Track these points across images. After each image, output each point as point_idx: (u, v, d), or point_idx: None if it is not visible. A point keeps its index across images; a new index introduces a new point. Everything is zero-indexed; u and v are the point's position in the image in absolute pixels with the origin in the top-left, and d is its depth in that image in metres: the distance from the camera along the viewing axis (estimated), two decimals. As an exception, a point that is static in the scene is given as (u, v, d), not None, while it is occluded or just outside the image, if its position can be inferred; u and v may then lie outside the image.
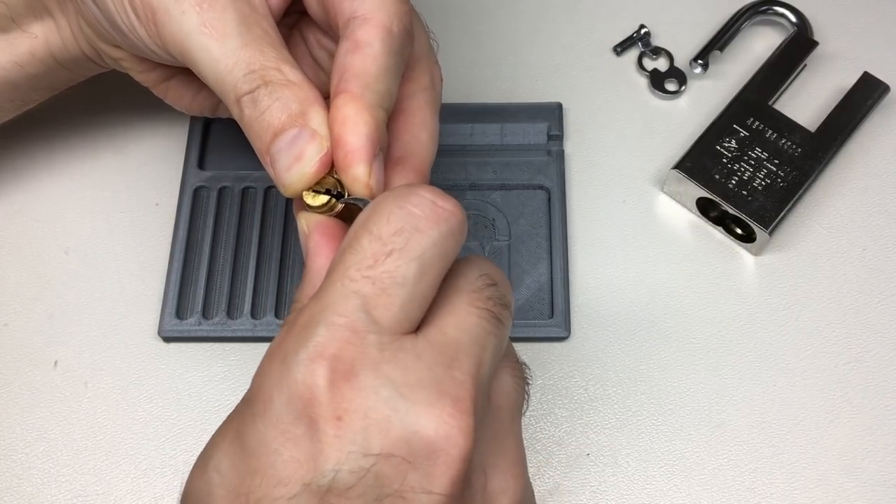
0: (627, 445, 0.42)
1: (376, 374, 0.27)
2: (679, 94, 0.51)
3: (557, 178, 0.47)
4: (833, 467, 0.41)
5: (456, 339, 0.28)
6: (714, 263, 0.46)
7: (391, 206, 0.29)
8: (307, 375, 0.26)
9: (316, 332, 0.27)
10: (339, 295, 0.27)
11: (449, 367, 0.27)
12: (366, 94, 0.32)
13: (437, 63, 0.38)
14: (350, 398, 0.26)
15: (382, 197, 0.30)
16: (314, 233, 0.33)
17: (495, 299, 0.30)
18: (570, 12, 0.53)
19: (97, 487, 0.41)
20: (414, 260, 0.28)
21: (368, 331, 0.27)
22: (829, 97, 0.49)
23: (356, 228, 0.29)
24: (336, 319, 0.27)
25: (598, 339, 0.44)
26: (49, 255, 0.46)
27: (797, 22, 0.51)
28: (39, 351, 0.44)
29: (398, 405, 0.26)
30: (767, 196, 0.45)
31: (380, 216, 0.28)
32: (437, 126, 0.37)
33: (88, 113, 0.49)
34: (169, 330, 0.44)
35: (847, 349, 0.44)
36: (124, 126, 0.50)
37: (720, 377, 0.43)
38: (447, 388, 0.27)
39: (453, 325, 0.29)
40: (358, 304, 0.27)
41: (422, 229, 0.28)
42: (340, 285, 0.28)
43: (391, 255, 0.28)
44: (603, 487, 0.41)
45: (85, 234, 0.47)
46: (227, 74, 0.33)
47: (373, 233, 0.28)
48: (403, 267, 0.28)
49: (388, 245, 0.28)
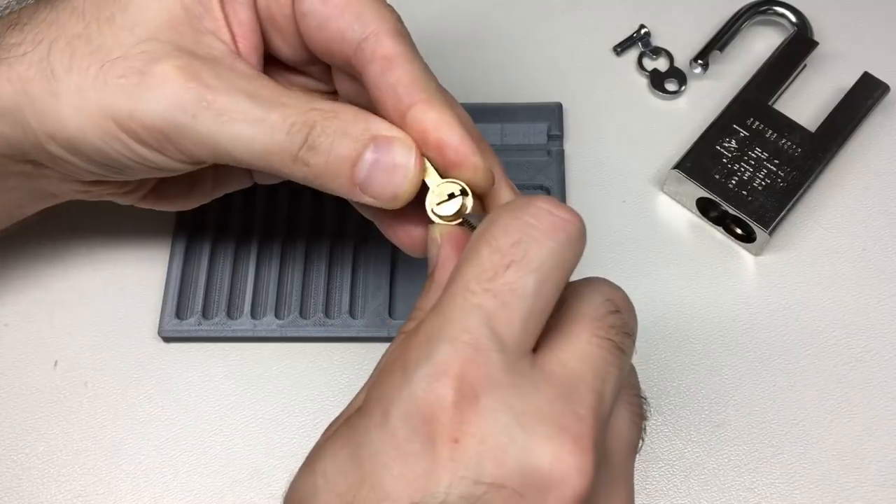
0: (627, 445, 0.42)
1: (497, 399, 0.26)
2: (679, 94, 0.51)
3: (557, 178, 0.47)
4: (833, 467, 0.41)
5: (577, 370, 0.27)
6: (714, 263, 0.46)
7: (508, 218, 0.28)
8: (429, 392, 0.26)
9: (439, 348, 0.26)
10: (461, 309, 0.27)
11: (570, 401, 0.27)
12: (432, 95, 0.32)
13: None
14: (469, 421, 0.26)
15: (499, 209, 0.29)
16: (446, 244, 0.32)
17: (618, 328, 0.29)
18: (570, 12, 0.53)
19: (97, 487, 0.41)
20: (533, 271, 0.27)
21: (492, 349, 0.26)
22: (829, 97, 0.49)
23: (475, 240, 0.28)
24: (459, 335, 0.26)
25: (598, 339, 0.44)
26: (49, 254, 0.46)
27: (797, 22, 0.51)
28: (39, 351, 0.44)
29: (516, 435, 0.26)
30: (767, 196, 0.45)
31: (497, 227, 0.28)
32: (438, 93, 0.34)
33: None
34: (169, 330, 0.44)
35: (847, 349, 0.44)
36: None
37: (720, 377, 0.43)
38: (568, 424, 0.26)
39: (574, 355, 0.28)
40: (481, 320, 0.26)
41: (539, 239, 0.28)
42: (462, 299, 0.27)
43: (511, 267, 0.27)
44: (603, 487, 0.41)
45: (85, 233, 0.47)
46: (271, 145, 0.32)
47: (491, 244, 0.28)
48: (524, 278, 0.27)
49: (507, 256, 0.27)
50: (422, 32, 0.52)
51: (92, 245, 0.47)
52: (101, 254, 0.46)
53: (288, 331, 0.44)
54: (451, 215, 0.33)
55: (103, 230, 0.47)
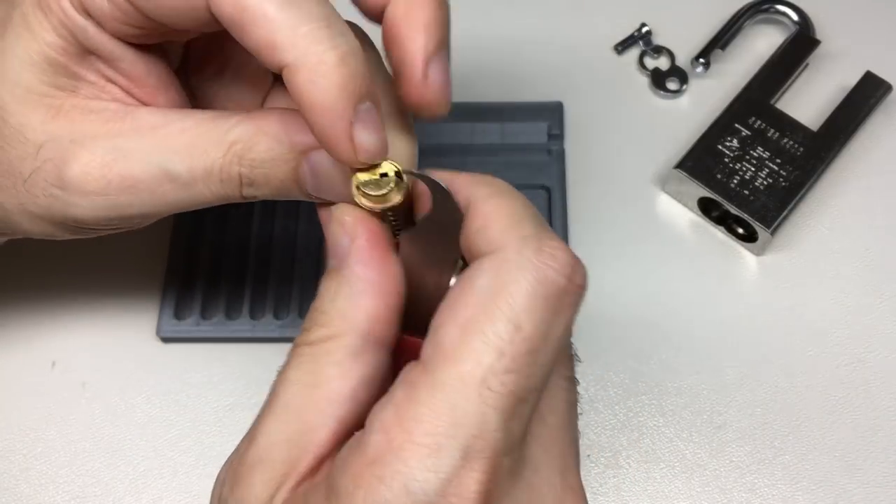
0: (628, 446, 0.42)
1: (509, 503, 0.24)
2: (680, 93, 0.50)
3: (558, 177, 0.47)
4: (835, 468, 0.41)
5: (557, 426, 0.26)
6: (716, 263, 0.46)
7: (530, 283, 0.24)
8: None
9: (450, 460, 0.23)
10: (475, 411, 0.23)
11: (563, 473, 0.25)
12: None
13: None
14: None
15: (512, 261, 0.24)
16: (362, 236, 0.28)
17: (573, 358, 0.27)
18: (570, 11, 0.53)
19: (95, 489, 0.41)
20: (550, 357, 0.24)
21: (505, 454, 0.23)
22: (831, 96, 0.49)
23: (487, 304, 0.24)
24: (474, 444, 0.23)
25: (598, 339, 0.44)
26: (47, 255, 0.46)
27: (799, 21, 0.51)
28: (37, 351, 0.44)
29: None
30: (769, 195, 0.45)
31: (517, 297, 0.24)
32: (437, 13, 0.29)
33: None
34: (167, 330, 0.44)
35: (849, 349, 0.44)
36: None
37: (721, 378, 0.43)
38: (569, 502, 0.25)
39: (549, 409, 0.26)
40: (497, 423, 0.23)
41: (560, 312, 0.24)
42: (477, 395, 0.23)
43: (533, 356, 0.23)
44: (604, 489, 0.41)
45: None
46: (212, 196, 0.30)
47: (512, 321, 0.23)
48: (542, 370, 0.24)
49: (529, 341, 0.23)
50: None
51: (90, 245, 0.46)
52: (99, 254, 0.46)
53: (287, 331, 0.43)
54: (377, 195, 0.28)
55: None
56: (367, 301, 0.27)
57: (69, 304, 0.45)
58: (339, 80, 0.26)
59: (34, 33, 0.30)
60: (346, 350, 0.26)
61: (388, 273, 0.28)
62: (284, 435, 0.26)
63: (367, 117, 0.27)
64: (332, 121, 0.26)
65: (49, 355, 0.44)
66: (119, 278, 0.46)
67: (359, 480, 0.23)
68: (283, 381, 0.27)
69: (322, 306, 0.27)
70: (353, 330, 0.27)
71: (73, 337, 0.44)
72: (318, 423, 0.26)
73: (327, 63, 0.26)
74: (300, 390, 0.26)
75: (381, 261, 0.28)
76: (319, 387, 0.26)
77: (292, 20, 0.26)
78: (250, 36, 0.26)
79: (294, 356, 0.27)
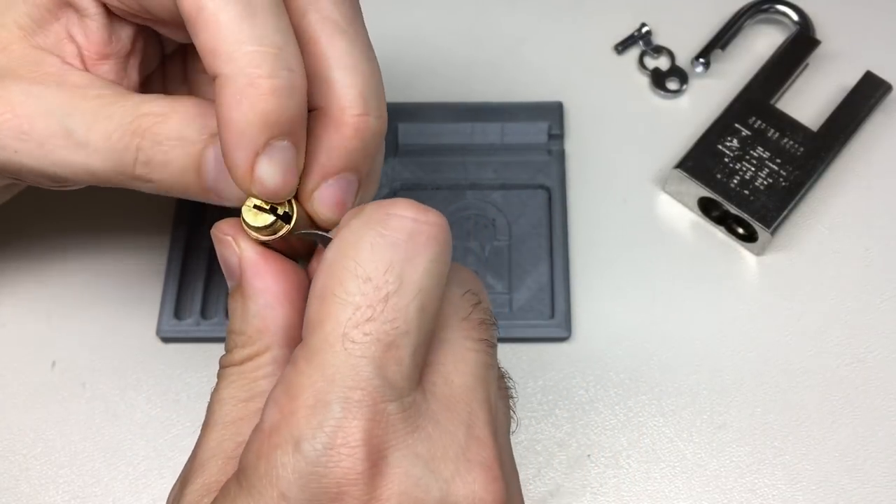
0: (629, 446, 0.42)
1: (405, 453, 0.24)
2: (680, 93, 0.50)
3: (558, 177, 0.47)
4: (835, 469, 0.41)
5: (463, 385, 0.26)
6: (716, 263, 0.46)
7: (371, 237, 0.25)
8: (335, 467, 0.23)
9: (332, 413, 0.24)
10: (344, 363, 0.24)
11: (468, 426, 0.26)
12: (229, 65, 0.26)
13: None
14: (382, 485, 0.24)
15: (353, 223, 0.25)
16: (247, 247, 0.28)
17: (486, 322, 0.28)
18: (570, 11, 0.53)
19: (95, 489, 0.41)
20: (414, 299, 0.25)
21: (387, 400, 0.24)
22: (831, 96, 0.49)
23: (337, 270, 0.25)
24: (351, 395, 0.24)
25: (599, 339, 0.44)
26: (47, 255, 0.46)
27: (799, 20, 0.51)
28: (37, 351, 0.44)
29: (430, 485, 0.24)
30: (769, 195, 0.45)
31: (361, 252, 0.25)
32: (350, 49, 0.28)
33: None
34: (167, 330, 0.44)
35: (849, 349, 0.44)
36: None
37: (721, 378, 0.43)
38: (473, 454, 0.25)
39: (455, 369, 0.26)
40: (370, 371, 0.24)
41: (412, 258, 0.25)
42: (342, 349, 0.24)
43: (389, 300, 0.24)
44: (604, 489, 0.41)
45: (83, 233, 0.47)
46: (101, 167, 0.29)
47: (360, 275, 0.24)
48: (405, 311, 0.24)
49: (381, 288, 0.24)
50: (422, 32, 0.52)
51: (90, 245, 0.46)
52: (99, 254, 0.46)
53: (287, 331, 0.43)
54: (261, 228, 0.27)
55: (101, 230, 0.47)
56: (277, 312, 0.27)
57: (69, 304, 0.45)
58: (261, 109, 0.25)
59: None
60: (274, 362, 0.27)
61: (286, 279, 0.28)
62: (222, 450, 0.27)
63: (277, 155, 0.26)
64: (239, 144, 0.26)
65: (49, 355, 0.44)
66: (119, 278, 0.46)
67: (259, 453, 0.24)
68: (217, 401, 0.28)
69: (236, 328, 0.28)
70: (274, 343, 0.27)
71: (73, 337, 0.44)
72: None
73: (257, 88, 0.25)
74: (234, 406, 0.27)
75: (274, 268, 0.28)
76: (254, 400, 0.27)
77: (242, 35, 0.25)
78: (199, 37, 0.26)
79: (223, 377, 0.28)
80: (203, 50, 0.26)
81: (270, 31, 0.26)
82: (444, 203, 0.46)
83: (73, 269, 0.46)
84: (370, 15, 0.31)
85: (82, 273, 0.46)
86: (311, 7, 0.28)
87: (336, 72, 0.28)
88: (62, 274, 0.46)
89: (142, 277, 0.45)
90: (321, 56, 0.28)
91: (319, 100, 0.28)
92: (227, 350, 0.28)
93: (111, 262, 0.46)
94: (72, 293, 0.45)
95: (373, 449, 0.24)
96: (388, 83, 0.30)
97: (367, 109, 0.28)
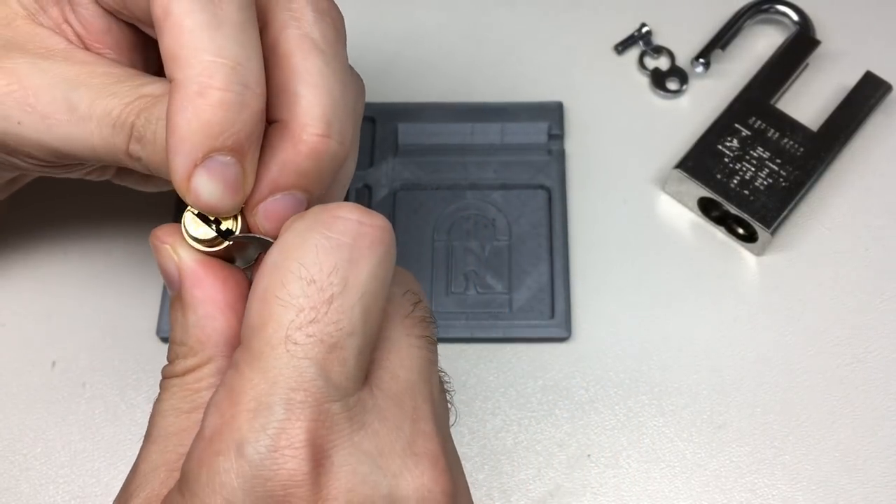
0: (629, 446, 0.42)
1: (350, 451, 0.24)
2: (680, 93, 0.50)
3: (558, 177, 0.47)
4: (835, 469, 0.41)
5: (408, 381, 0.26)
6: (715, 263, 0.46)
7: (315, 239, 0.25)
8: (279, 469, 0.23)
9: (274, 416, 0.23)
10: (287, 365, 0.24)
11: (414, 420, 0.26)
12: (189, 66, 0.26)
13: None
14: (329, 485, 0.24)
15: (296, 226, 0.25)
16: (186, 255, 0.28)
17: (427, 320, 0.28)
18: (570, 11, 0.53)
19: (95, 489, 0.41)
20: (358, 301, 0.24)
21: (331, 400, 0.24)
22: (831, 96, 0.49)
23: (279, 270, 0.25)
24: (294, 396, 0.23)
25: (599, 339, 0.44)
26: (47, 254, 0.46)
27: (799, 21, 0.51)
28: (37, 351, 0.44)
29: (378, 481, 0.24)
30: (769, 196, 0.45)
31: (305, 254, 0.24)
32: (322, 68, 0.28)
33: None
34: (167, 330, 0.43)
35: (849, 349, 0.44)
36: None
37: (721, 378, 0.43)
38: (419, 448, 0.25)
39: (400, 365, 0.26)
40: (313, 372, 0.24)
41: (356, 261, 0.25)
42: (285, 351, 0.24)
43: (333, 302, 0.24)
44: (604, 489, 0.41)
45: (83, 233, 0.47)
46: (101, 142, 0.29)
47: (303, 277, 0.24)
48: (349, 312, 0.24)
49: (325, 290, 0.24)
50: (422, 32, 0.52)
51: (90, 245, 0.46)
52: (99, 254, 0.46)
53: (287, 331, 0.43)
54: (201, 240, 0.27)
55: (101, 230, 0.47)
56: (219, 322, 0.27)
57: (69, 304, 0.45)
58: (206, 119, 0.25)
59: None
60: (217, 373, 0.27)
61: (227, 287, 0.28)
62: (164, 461, 0.26)
63: (216, 168, 0.26)
64: (179, 150, 0.26)
65: (49, 355, 0.44)
66: (119, 278, 0.46)
67: (201, 461, 0.24)
68: (158, 413, 0.27)
69: (177, 338, 0.28)
70: (217, 354, 0.27)
71: (73, 337, 0.44)
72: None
73: (205, 98, 0.25)
74: (176, 417, 0.27)
75: (214, 277, 0.27)
76: (196, 411, 0.27)
77: (202, 43, 0.25)
78: (163, 40, 0.26)
79: (165, 388, 0.28)
80: (164, 53, 0.26)
81: (232, 44, 0.26)
82: (444, 203, 0.46)
83: (74, 269, 0.46)
84: (371, 15, 0.31)
85: (82, 273, 0.46)
86: (292, 23, 0.28)
87: (303, 87, 0.27)
88: (62, 274, 0.46)
89: (142, 277, 0.45)
90: (292, 70, 0.27)
91: (283, 113, 0.27)
92: (169, 361, 0.28)
93: (111, 262, 0.46)
94: (72, 293, 0.45)
95: (317, 449, 0.24)
96: (388, 83, 0.30)
97: (329, 132, 0.27)
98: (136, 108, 0.28)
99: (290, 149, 0.27)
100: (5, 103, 0.29)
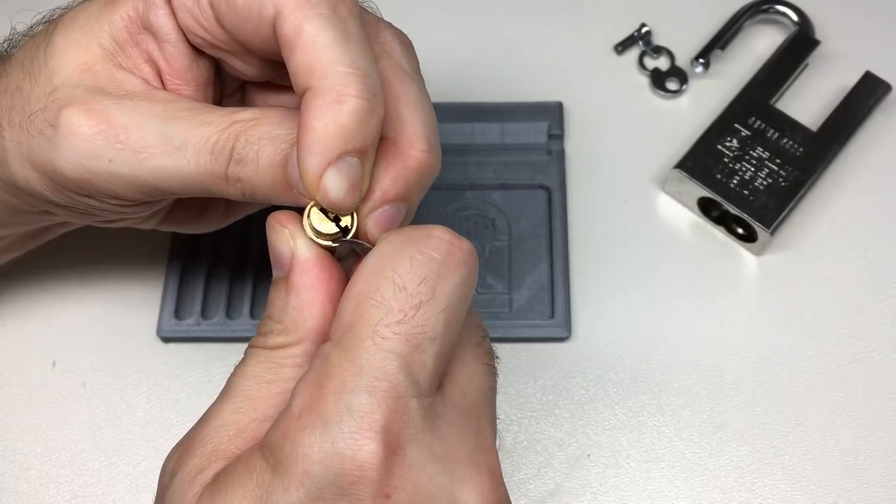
0: (628, 446, 0.42)
1: (422, 447, 0.26)
2: (680, 94, 0.50)
3: (558, 177, 0.47)
4: (835, 468, 0.41)
5: (475, 400, 0.28)
6: (715, 263, 0.46)
7: (410, 252, 0.27)
8: (358, 450, 0.25)
9: (359, 399, 0.25)
10: (374, 355, 0.26)
11: (478, 435, 0.28)
12: (326, 83, 0.28)
13: (394, 27, 0.33)
14: (399, 475, 0.25)
15: (393, 240, 0.28)
16: (302, 243, 0.30)
17: (492, 354, 0.30)
18: (570, 11, 0.53)
19: (96, 488, 0.41)
20: (442, 311, 0.27)
21: (411, 395, 0.26)
22: (830, 96, 0.49)
23: (374, 275, 0.27)
24: (378, 384, 0.26)
25: (598, 339, 0.44)
26: (47, 255, 0.46)
27: (799, 21, 0.51)
28: (38, 351, 0.44)
29: (443, 482, 0.26)
30: (769, 196, 0.45)
31: (399, 264, 0.27)
32: (419, 93, 0.32)
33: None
34: (168, 330, 0.44)
35: (849, 349, 0.44)
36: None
37: (721, 378, 0.43)
38: (482, 460, 0.27)
39: (469, 384, 0.29)
40: (397, 366, 0.26)
41: (444, 276, 0.27)
42: (373, 344, 0.26)
43: (420, 308, 0.26)
44: (604, 489, 0.41)
45: (83, 233, 0.47)
46: (198, 170, 0.30)
47: (396, 283, 0.27)
48: (433, 320, 0.27)
49: (414, 296, 0.27)
50: (422, 32, 0.52)
51: (90, 245, 0.46)
52: (99, 254, 0.46)
53: (287, 331, 0.43)
54: (324, 234, 0.29)
55: (102, 230, 0.47)
56: (316, 308, 0.29)
57: (69, 304, 0.45)
58: (342, 124, 0.28)
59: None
60: (304, 354, 0.29)
61: (329, 278, 0.30)
62: (235, 421, 0.28)
63: (345, 168, 0.28)
64: (314, 150, 0.28)
65: (49, 355, 0.44)
66: (119, 278, 0.46)
67: (286, 432, 0.26)
68: (240, 375, 0.29)
69: (274, 315, 0.30)
70: (307, 337, 0.29)
71: (73, 337, 0.44)
72: (270, 415, 0.28)
73: (343, 104, 0.28)
74: (257, 384, 0.29)
75: (322, 269, 0.30)
76: (276, 383, 0.29)
77: (337, 56, 0.28)
78: (296, 56, 0.28)
79: (252, 355, 0.30)
80: (297, 68, 0.28)
81: (360, 58, 0.28)
82: (444, 203, 0.47)
83: (74, 269, 0.46)
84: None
85: (82, 273, 0.46)
86: (384, 54, 0.31)
87: (407, 109, 0.31)
88: (62, 274, 0.46)
89: (142, 277, 0.46)
90: (393, 94, 0.31)
91: (390, 132, 0.30)
92: (261, 333, 0.30)
93: (112, 262, 0.46)
94: (72, 293, 0.45)
95: (393, 438, 0.25)
96: (388, 83, 0.30)
97: (431, 148, 0.31)
98: (234, 133, 0.30)
99: (401, 164, 0.30)
100: (95, 143, 0.31)
